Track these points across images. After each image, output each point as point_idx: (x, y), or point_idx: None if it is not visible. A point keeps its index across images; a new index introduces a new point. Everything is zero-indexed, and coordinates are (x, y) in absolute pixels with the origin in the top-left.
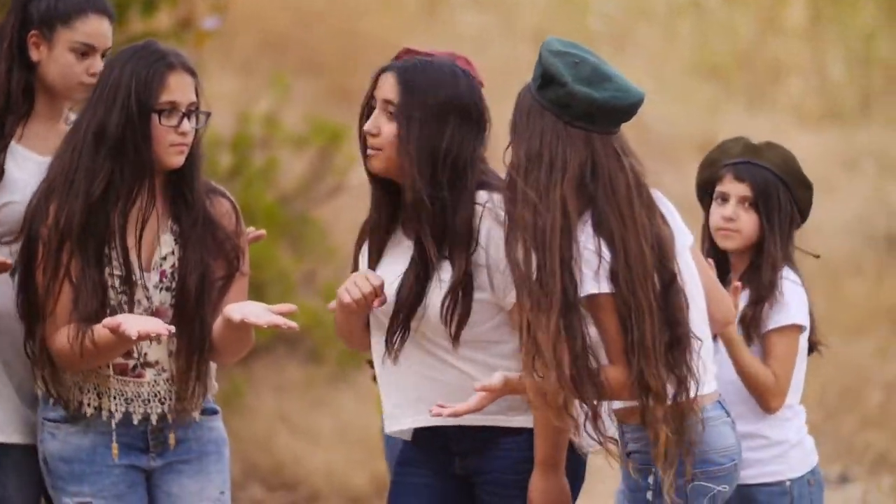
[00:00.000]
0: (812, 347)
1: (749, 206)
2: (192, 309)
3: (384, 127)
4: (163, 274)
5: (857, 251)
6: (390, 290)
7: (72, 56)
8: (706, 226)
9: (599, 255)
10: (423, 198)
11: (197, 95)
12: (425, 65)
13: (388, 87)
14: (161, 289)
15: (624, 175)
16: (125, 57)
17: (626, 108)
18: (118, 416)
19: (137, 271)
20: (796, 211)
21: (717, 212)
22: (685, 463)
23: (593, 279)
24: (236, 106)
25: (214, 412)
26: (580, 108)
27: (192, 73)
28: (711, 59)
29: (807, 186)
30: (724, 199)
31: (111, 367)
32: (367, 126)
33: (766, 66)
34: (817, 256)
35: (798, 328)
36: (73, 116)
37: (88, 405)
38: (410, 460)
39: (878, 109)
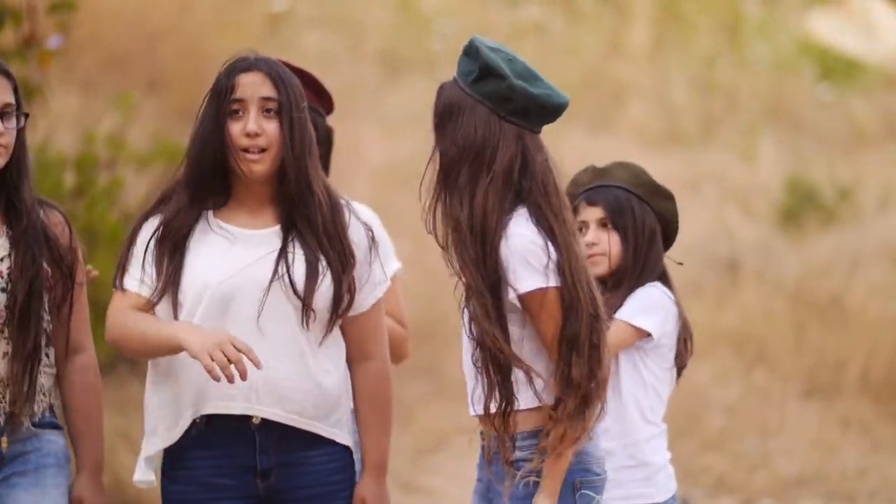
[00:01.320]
0: (679, 370)
1: (608, 227)
2: (23, 312)
3: (266, 126)
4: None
5: (698, 275)
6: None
7: None
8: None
9: (547, 251)
10: (304, 189)
11: (17, 97)
12: (276, 61)
13: (262, 86)
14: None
15: (552, 174)
16: None
17: (556, 107)
18: None
19: None
20: (657, 222)
21: (581, 242)
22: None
23: (542, 274)
24: (81, 125)
25: (55, 426)
26: (518, 103)
27: (6, 75)
28: (554, 81)
29: (666, 196)
30: (584, 226)
31: None
32: (251, 126)
33: (608, 89)
34: (680, 263)
35: (632, 327)
36: None
37: None
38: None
39: (719, 133)
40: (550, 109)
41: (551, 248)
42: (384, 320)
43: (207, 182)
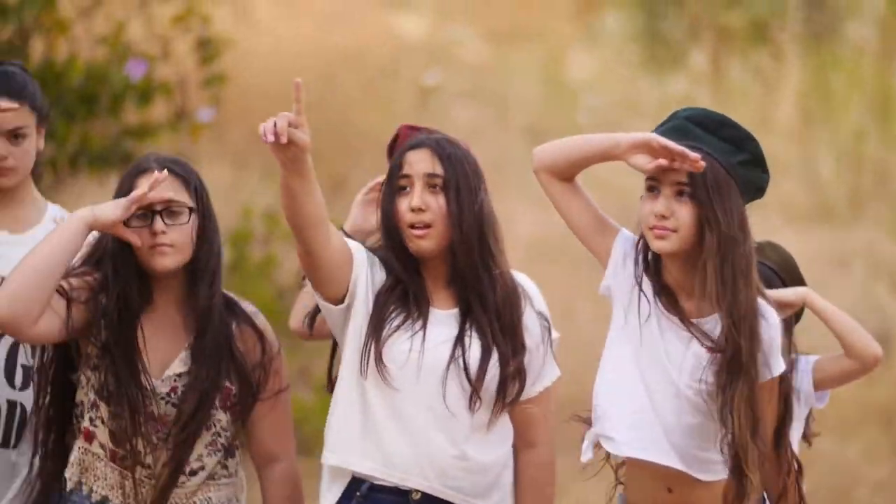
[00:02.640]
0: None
1: None
2: (183, 426)
3: (431, 202)
4: (173, 389)
5: None
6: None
7: None
8: None
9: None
10: (479, 269)
11: (191, 192)
12: (451, 139)
13: (427, 162)
14: (169, 402)
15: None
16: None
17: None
18: (95, 497)
19: (148, 378)
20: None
21: None
22: None
23: (781, 357)
24: (232, 198)
25: None
26: (760, 196)
27: (171, 171)
28: None
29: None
30: None
31: (105, 449)
32: (415, 202)
33: None
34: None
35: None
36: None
37: (70, 479)
38: None
39: (868, 209)
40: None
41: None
42: (551, 407)
43: (399, 258)
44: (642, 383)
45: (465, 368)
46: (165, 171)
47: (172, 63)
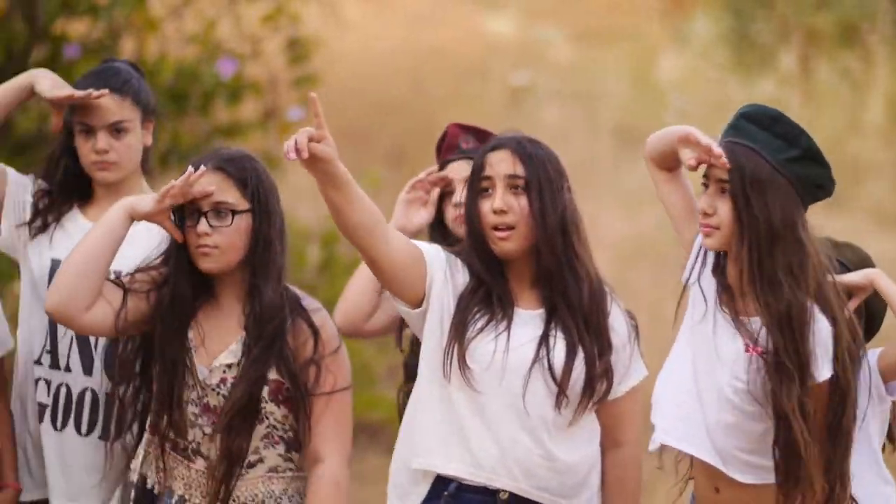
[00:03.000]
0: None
1: None
2: (231, 419)
3: (513, 203)
4: (223, 381)
5: None
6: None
7: (80, 138)
8: None
9: (834, 340)
10: (564, 269)
11: (246, 192)
12: (531, 138)
13: (508, 163)
14: (219, 393)
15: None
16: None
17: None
18: (159, 490)
19: (187, 366)
20: (864, 312)
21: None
22: None
23: (830, 363)
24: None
25: None
26: (824, 194)
27: (222, 171)
28: None
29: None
30: None
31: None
32: (497, 204)
33: (845, 167)
34: None
35: None
36: None
37: (133, 470)
38: None
39: None
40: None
41: (830, 340)
42: (637, 406)
43: (482, 259)
44: (693, 377)
45: (550, 368)
46: (202, 168)
47: (262, 62)
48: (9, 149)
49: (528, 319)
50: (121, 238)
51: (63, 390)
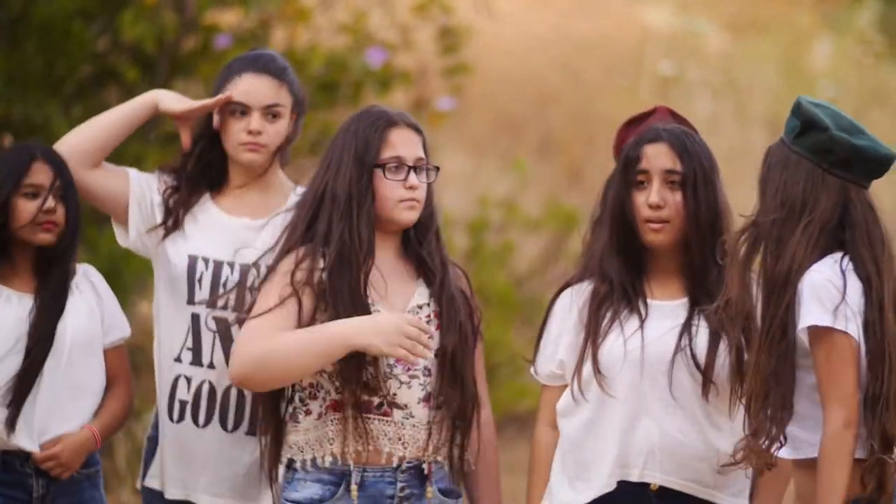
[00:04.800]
0: None
1: None
2: (450, 373)
3: (669, 198)
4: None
5: None
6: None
7: (231, 118)
8: None
9: (843, 294)
10: (709, 262)
11: (425, 152)
12: (687, 132)
13: (666, 157)
14: None
15: (880, 228)
16: (349, 121)
17: (882, 159)
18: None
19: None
20: None
21: None
22: None
23: (830, 313)
24: (471, 187)
25: (457, 495)
26: (840, 154)
27: (417, 130)
28: None
29: None
30: None
31: (356, 408)
32: (653, 199)
33: None
34: None
35: None
36: (298, 189)
37: (298, 461)
38: None
39: None
40: (876, 161)
41: (853, 294)
42: None
43: (623, 251)
44: None
45: (693, 357)
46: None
47: (413, 51)
48: (160, 141)
49: (670, 311)
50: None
51: (206, 387)
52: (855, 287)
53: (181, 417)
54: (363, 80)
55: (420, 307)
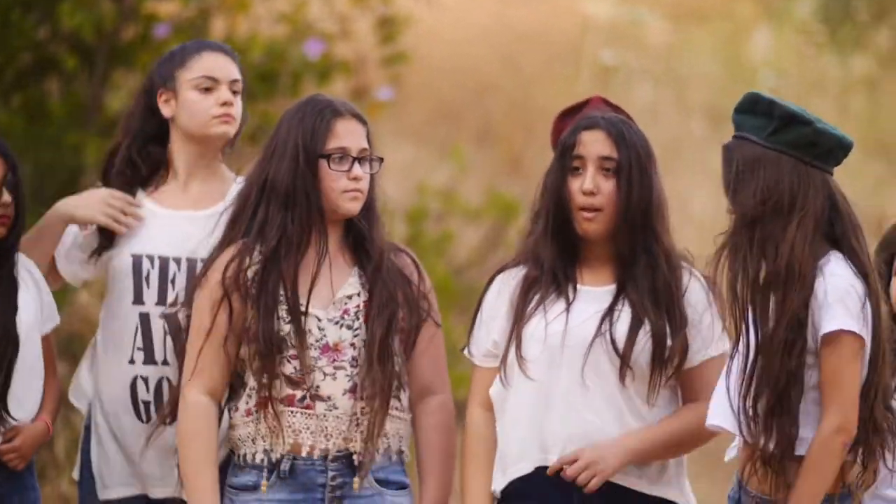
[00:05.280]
0: None
1: None
2: (381, 349)
3: (603, 185)
4: (345, 312)
5: None
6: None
7: (196, 94)
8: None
9: (863, 297)
10: (637, 250)
11: (369, 143)
12: (625, 120)
13: (602, 144)
14: (342, 325)
15: (856, 216)
16: (294, 110)
17: (850, 146)
18: (286, 448)
19: (304, 304)
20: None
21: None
22: None
23: (854, 318)
24: (411, 176)
25: (403, 486)
26: (824, 146)
27: (362, 121)
28: (882, 136)
29: None
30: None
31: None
32: (587, 185)
33: None
34: None
35: None
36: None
37: (269, 450)
38: None
39: None
40: (847, 149)
41: (865, 295)
42: (714, 379)
43: (557, 238)
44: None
45: (613, 341)
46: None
47: (352, 41)
48: (99, 129)
49: (597, 296)
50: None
51: (165, 384)
52: (863, 286)
53: (149, 417)
54: (302, 71)
55: (350, 297)
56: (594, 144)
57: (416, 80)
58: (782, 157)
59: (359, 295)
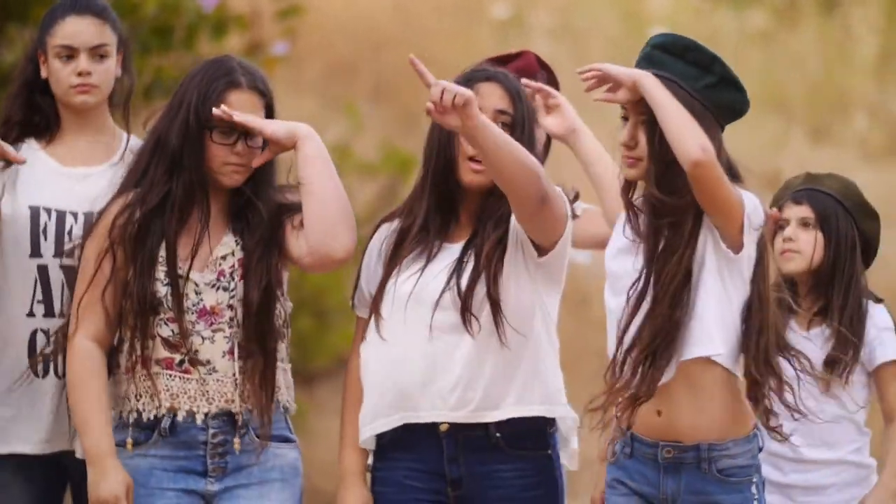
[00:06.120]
0: None
1: (808, 226)
2: (255, 322)
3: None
4: (220, 273)
5: None
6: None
7: (57, 62)
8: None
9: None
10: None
11: (271, 114)
12: (512, 74)
13: (499, 98)
14: (218, 288)
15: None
16: (198, 69)
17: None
18: (163, 410)
19: (184, 268)
20: (859, 239)
21: (778, 237)
22: None
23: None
24: None
25: (287, 440)
26: (740, 116)
27: (261, 93)
28: (778, 90)
29: (872, 217)
30: (785, 224)
31: (160, 364)
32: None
33: (832, 100)
34: (880, 300)
35: None
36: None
37: (143, 410)
38: None
39: None
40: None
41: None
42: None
43: (436, 190)
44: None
45: (459, 293)
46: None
47: None
48: None
49: (452, 252)
50: None
51: (62, 337)
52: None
53: (45, 371)
54: (197, 24)
55: (224, 257)
56: (491, 97)
57: (311, 35)
58: (707, 114)
59: (233, 254)
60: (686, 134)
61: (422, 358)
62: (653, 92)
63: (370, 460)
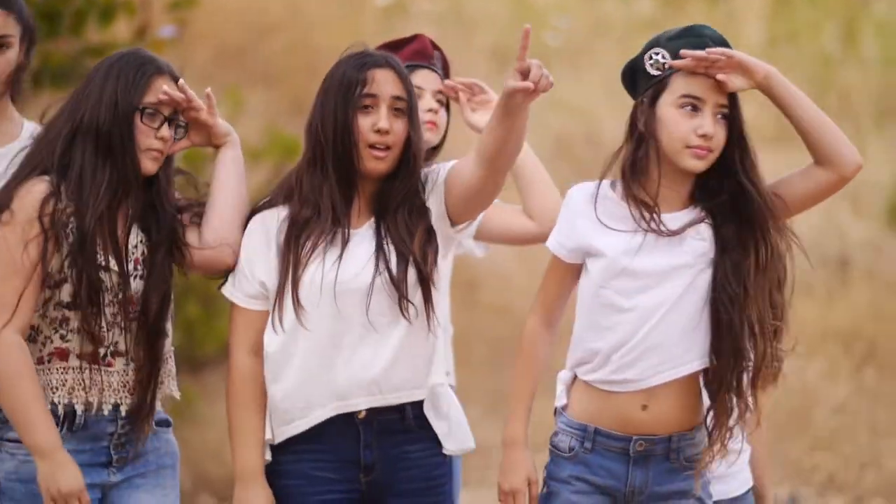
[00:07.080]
0: None
1: None
2: (152, 323)
3: (395, 124)
4: (136, 262)
5: (809, 273)
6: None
7: None
8: None
9: None
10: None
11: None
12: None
13: (394, 84)
14: (135, 277)
15: None
16: (112, 60)
17: None
18: (80, 406)
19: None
20: None
21: None
22: None
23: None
24: None
25: (168, 423)
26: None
27: (176, 81)
28: None
29: None
30: None
31: (80, 358)
32: (383, 124)
33: None
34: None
35: None
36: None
37: (58, 403)
38: None
39: None
40: None
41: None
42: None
43: (337, 175)
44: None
45: (391, 278)
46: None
47: None
48: None
49: (365, 236)
50: None
51: None
52: None
53: None
54: (86, 10)
55: (135, 246)
56: (387, 84)
57: (200, 20)
58: None
59: (142, 242)
60: (840, 136)
61: (358, 346)
62: (790, 88)
63: (268, 456)
